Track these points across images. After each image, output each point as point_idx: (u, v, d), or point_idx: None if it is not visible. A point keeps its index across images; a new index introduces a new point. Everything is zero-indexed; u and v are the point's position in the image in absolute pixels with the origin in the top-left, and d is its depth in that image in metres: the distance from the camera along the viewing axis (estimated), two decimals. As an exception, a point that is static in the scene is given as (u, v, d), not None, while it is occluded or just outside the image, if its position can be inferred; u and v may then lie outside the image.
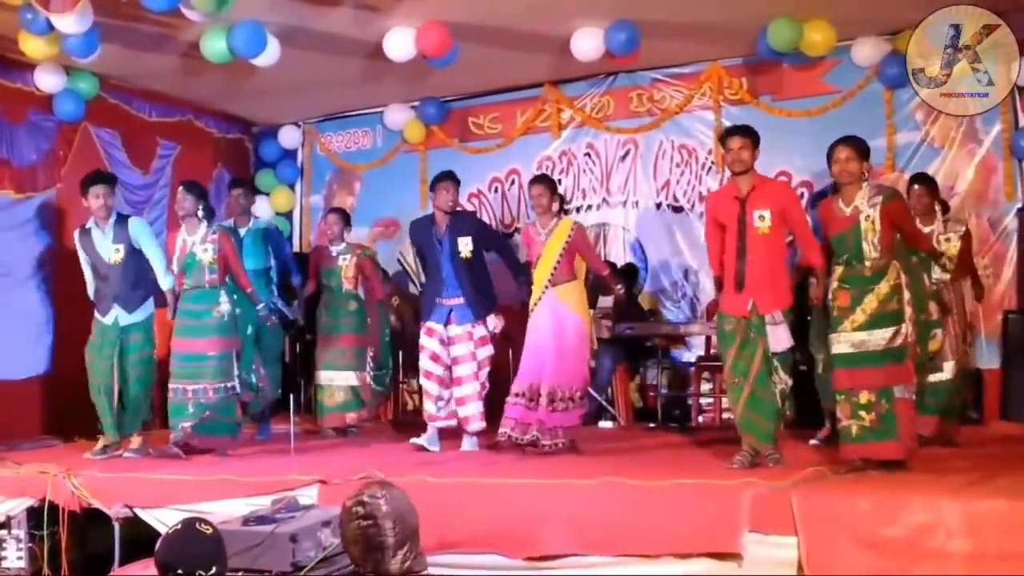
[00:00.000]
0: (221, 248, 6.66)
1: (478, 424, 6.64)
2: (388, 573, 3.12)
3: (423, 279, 7.38)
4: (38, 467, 5.94)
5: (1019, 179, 7.69)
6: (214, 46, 7.05)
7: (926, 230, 6.34)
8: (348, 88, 9.01)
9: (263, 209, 9.99)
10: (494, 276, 6.91)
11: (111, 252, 6.76)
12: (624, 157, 8.99)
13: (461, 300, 6.66)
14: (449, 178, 6.83)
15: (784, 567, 4.21)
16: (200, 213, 6.69)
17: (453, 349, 6.67)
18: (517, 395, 6.36)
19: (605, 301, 8.55)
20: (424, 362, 6.73)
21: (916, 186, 6.53)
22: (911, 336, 5.13)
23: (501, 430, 6.35)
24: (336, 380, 7.73)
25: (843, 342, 5.19)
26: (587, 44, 7.73)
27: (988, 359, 7.57)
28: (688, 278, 8.64)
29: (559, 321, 6.36)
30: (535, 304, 6.48)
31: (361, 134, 10.09)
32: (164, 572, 3.30)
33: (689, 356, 8.48)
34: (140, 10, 6.36)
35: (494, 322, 6.71)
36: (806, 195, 8.11)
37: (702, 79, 8.61)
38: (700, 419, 8.02)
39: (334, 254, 7.84)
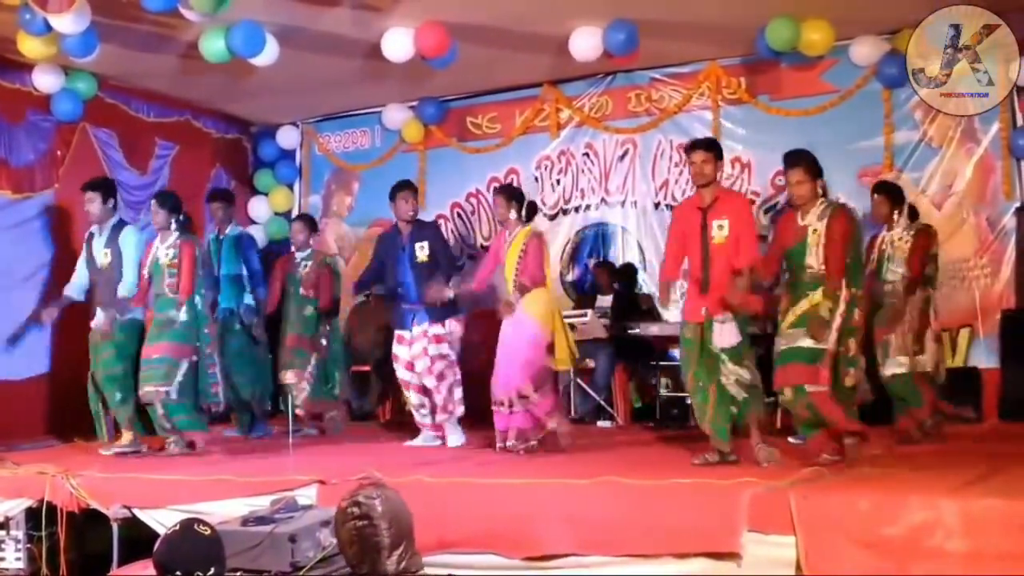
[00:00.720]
0: (182, 255, 6.71)
1: (439, 415, 6.86)
2: (384, 573, 3.12)
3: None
4: (37, 467, 5.93)
5: (1017, 178, 7.68)
6: (213, 46, 7.05)
7: (886, 235, 6.58)
8: (346, 88, 9.01)
9: (262, 209, 10.01)
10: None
11: (101, 255, 6.94)
12: (623, 157, 8.99)
13: (421, 305, 6.92)
14: (407, 187, 7.17)
15: (783, 567, 4.20)
16: (173, 225, 6.79)
17: (412, 349, 6.93)
18: (495, 403, 6.48)
19: (603, 300, 8.55)
20: (400, 372, 7.02)
21: (874, 195, 6.74)
22: (830, 344, 5.28)
23: (498, 445, 6.48)
24: (287, 379, 7.80)
25: (778, 343, 5.44)
26: (585, 44, 7.73)
27: (986, 358, 7.58)
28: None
29: (517, 327, 6.49)
30: None
31: (359, 134, 10.09)
32: (163, 573, 3.30)
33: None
34: (138, 10, 6.37)
35: (452, 326, 6.93)
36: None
37: (700, 79, 8.61)
38: (699, 419, 8.01)
39: (298, 260, 8.01)
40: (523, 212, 6.69)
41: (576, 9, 7.40)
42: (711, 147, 5.73)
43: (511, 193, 6.85)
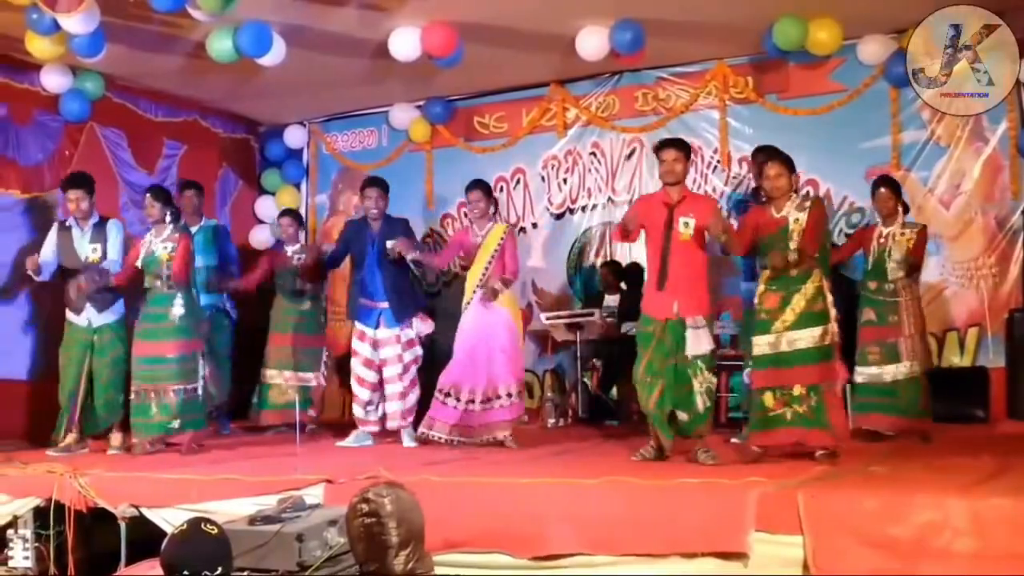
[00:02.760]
0: (179, 247, 6.73)
1: (398, 421, 6.94)
2: (392, 573, 3.12)
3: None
4: (45, 467, 5.94)
5: (1026, 177, 7.67)
6: (220, 46, 7.07)
7: (886, 231, 6.61)
8: (353, 88, 9.02)
9: (269, 208, 10.02)
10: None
11: (88, 252, 6.93)
12: (630, 156, 8.99)
13: (387, 304, 6.94)
14: (371, 185, 7.17)
15: (790, 566, 4.20)
16: (168, 218, 6.81)
17: (381, 352, 6.97)
18: (446, 394, 6.66)
19: (611, 300, 8.55)
20: (357, 368, 7.05)
21: (882, 189, 6.75)
22: (837, 336, 5.44)
23: (420, 430, 6.70)
24: (289, 380, 7.86)
25: (774, 343, 5.48)
26: (592, 43, 7.73)
27: (994, 358, 7.56)
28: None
29: (490, 321, 6.66)
30: (467, 304, 6.79)
31: (366, 134, 10.11)
32: (170, 572, 3.30)
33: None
34: (146, 10, 6.39)
35: (420, 325, 7.01)
36: (810, 193, 8.11)
37: (708, 78, 8.60)
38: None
39: (289, 254, 8.03)
40: (495, 207, 6.98)
41: (583, 9, 7.41)
42: (682, 147, 5.87)
43: (489, 189, 7.06)
